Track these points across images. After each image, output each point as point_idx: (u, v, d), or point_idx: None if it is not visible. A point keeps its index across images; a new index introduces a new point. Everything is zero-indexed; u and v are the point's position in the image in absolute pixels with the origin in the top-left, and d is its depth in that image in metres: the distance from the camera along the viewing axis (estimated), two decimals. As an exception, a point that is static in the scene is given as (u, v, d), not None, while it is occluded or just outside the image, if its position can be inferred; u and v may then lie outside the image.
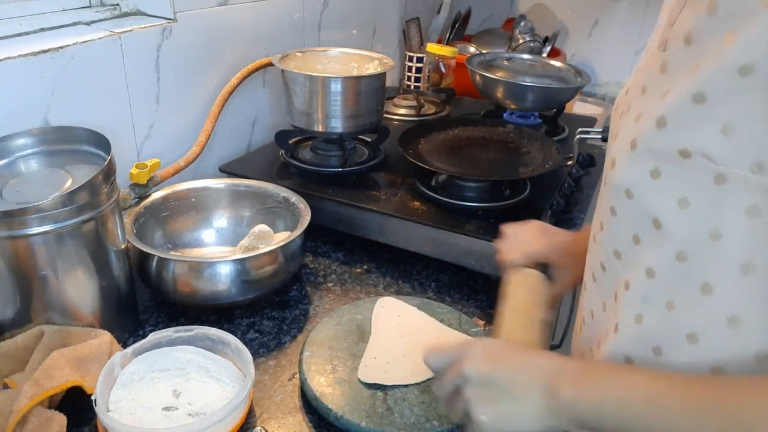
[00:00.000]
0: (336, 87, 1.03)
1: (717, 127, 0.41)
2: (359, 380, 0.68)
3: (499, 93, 1.34)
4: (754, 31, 0.39)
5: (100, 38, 0.86)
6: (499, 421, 0.49)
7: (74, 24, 0.92)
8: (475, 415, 0.49)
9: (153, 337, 0.69)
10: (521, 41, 1.76)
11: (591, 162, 1.15)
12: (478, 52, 1.72)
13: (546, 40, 1.77)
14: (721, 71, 0.41)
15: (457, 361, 0.52)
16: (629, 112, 0.52)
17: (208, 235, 0.95)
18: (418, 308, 0.80)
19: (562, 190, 1.07)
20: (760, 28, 0.39)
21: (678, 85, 0.44)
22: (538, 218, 0.93)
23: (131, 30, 0.90)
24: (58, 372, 0.62)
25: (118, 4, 0.99)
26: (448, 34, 1.79)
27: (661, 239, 0.47)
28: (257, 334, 0.79)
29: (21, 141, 0.73)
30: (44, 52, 0.79)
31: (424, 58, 1.55)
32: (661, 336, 0.49)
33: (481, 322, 0.82)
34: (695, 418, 0.41)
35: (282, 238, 0.85)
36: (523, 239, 0.77)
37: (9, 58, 0.75)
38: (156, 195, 0.90)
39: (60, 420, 0.59)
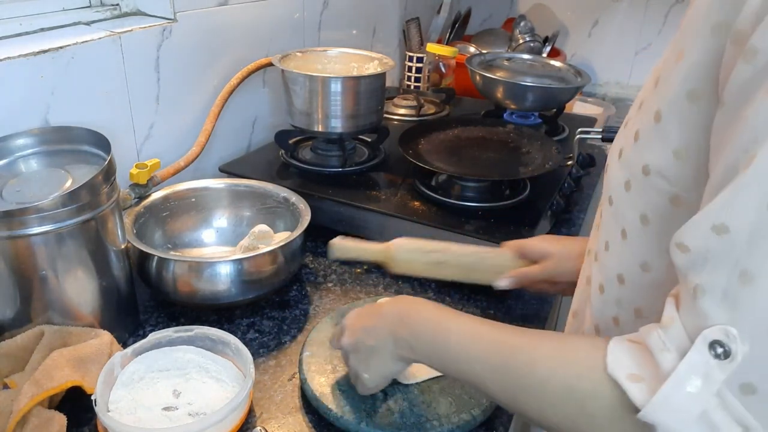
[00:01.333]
0: (336, 87, 1.03)
1: (669, 149, 0.42)
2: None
3: (499, 93, 1.34)
4: (695, 55, 0.39)
5: (100, 38, 0.86)
6: (375, 372, 0.61)
7: (74, 24, 0.92)
8: (360, 376, 0.62)
9: (153, 337, 0.69)
10: (521, 41, 1.76)
11: (591, 162, 1.15)
12: (478, 52, 1.72)
13: (546, 40, 1.77)
14: (673, 93, 0.41)
15: (338, 341, 0.65)
16: (629, 122, 0.52)
17: (208, 235, 0.95)
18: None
19: (562, 190, 1.07)
20: (699, 55, 0.39)
21: (652, 98, 0.45)
22: (538, 218, 0.93)
23: (131, 30, 0.90)
24: (58, 372, 0.62)
25: (118, 4, 0.99)
26: (448, 34, 1.79)
27: (626, 249, 0.48)
28: (257, 334, 0.79)
29: (21, 141, 0.73)
30: (44, 52, 0.79)
31: (424, 58, 1.55)
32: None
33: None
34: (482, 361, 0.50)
35: (282, 238, 0.85)
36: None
37: (9, 58, 0.75)
38: (156, 195, 0.90)
39: (60, 420, 0.59)
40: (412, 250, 0.80)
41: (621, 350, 0.41)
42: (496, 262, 0.78)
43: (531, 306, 0.86)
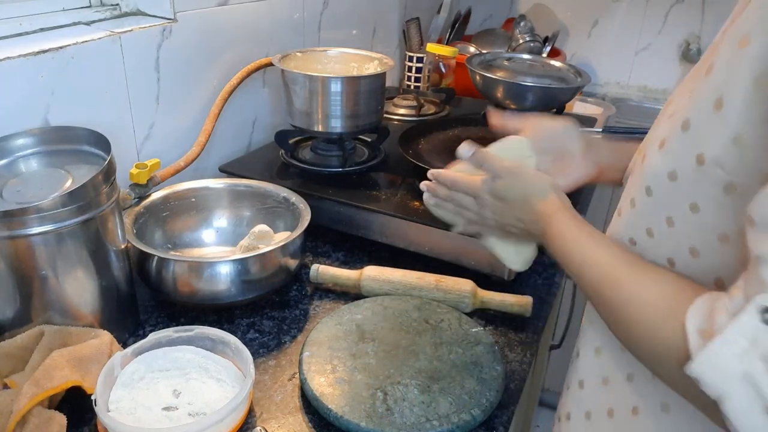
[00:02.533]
0: (336, 87, 1.03)
1: (729, 137, 0.42)
2: None
3: (499, 93, 1.34)
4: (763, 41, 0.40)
5: (100, 38, 0.86)
6: (503, 228, 0.68)
7: (74, 24, 0.92)
8: (487, 223, 0.68)
9: (153, 337, 0.69)
10: (521, 41, 1.76)
11: (591, 162, 1.15)
12: (478, 52, 1.72)
13: (546, 40, 1.77)
14: (738, 79, 0.42)
15: (492, 181, 0.66)
16: (668, 107, 0.53)
17: (208, 235, 0.95)
18: (418, 308, 0.80)
19: (562, 190, 1.07)
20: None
21: (707, 86, 0.45)
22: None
23: (131, 30, 0.90)
24: (58, 372, 0.62)
25: (118, 4, 0.99)
26: (448, 34, 1.79)
27: (674, 235, 0.50)
28: (257, 334, 0.79)
29: (21, 141, 0.73)
30: (44, 52, 0.79)
31: (424, 58, 1.55)
32: None
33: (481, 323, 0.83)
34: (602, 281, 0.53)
35: (282, 238, 0.85)
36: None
37: (9, 58, 0.75)
38: (156, 195, 0.90)
39: (60, 420, 0.59)
40: (380, 281, 0.86)
41: (702, 306, 0.42)
42: (459, 295, 0.84)
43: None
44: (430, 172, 0.73)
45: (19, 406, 0.58)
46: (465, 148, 0.70)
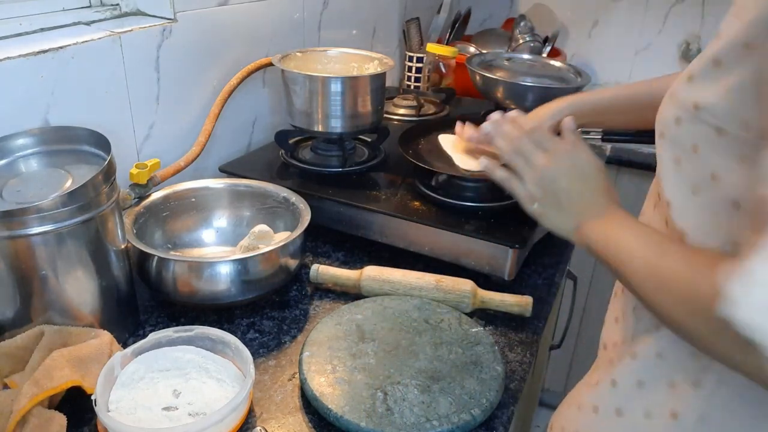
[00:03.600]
0: (336, 87, 1.03)
1: (722, 89, 0.48)
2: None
3: (499, 93, 1.34)
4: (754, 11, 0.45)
5: (100, 38, 0.86)
6: (548, 202, 0.68)
7: (74, 24, 0.92)
8: (532, 186, 0.69)
9: (153, 337, 0.69)
10: (521, 41, 1.76)
11: (591, 162, 1.15)
12: (478, 52, 1.72)
13: (546, 40, 1.77)
14: (731, 42, 0.47)
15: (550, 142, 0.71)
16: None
17: (208, 235, 0.95)
18: (418, 308, 0.80)
19: (562, 190, 1.07)
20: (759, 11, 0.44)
21: (711, 44, 0.50)
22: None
23: (131, 30, 0.90)
24: (58, 372, 0.62)
25: (118, 4, 0.99)
26: (448, 34, 1.79)
27: (679, 174, 0.54)
28: (257, 334, 0.79)
29: (21, 141, 0.73)
30: (44, 52, 0.79)
31: (424, 58, 1.55)
32: None
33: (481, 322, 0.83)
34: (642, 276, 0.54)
35: (282, 238, 0.85)
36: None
37: (9, 58, 0.75)
38: (156, 195, 0.90)
39: (60, 420, 0.59)
40: (380, 281, 0.86)
41: (732, 261, 0.43)
42: (459, 295, 0.84)
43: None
44: (510, 113, 0.80)
45: (20, 405, 0.58)
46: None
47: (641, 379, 0.59)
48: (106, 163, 0.68)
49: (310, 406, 0.67)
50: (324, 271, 0.88)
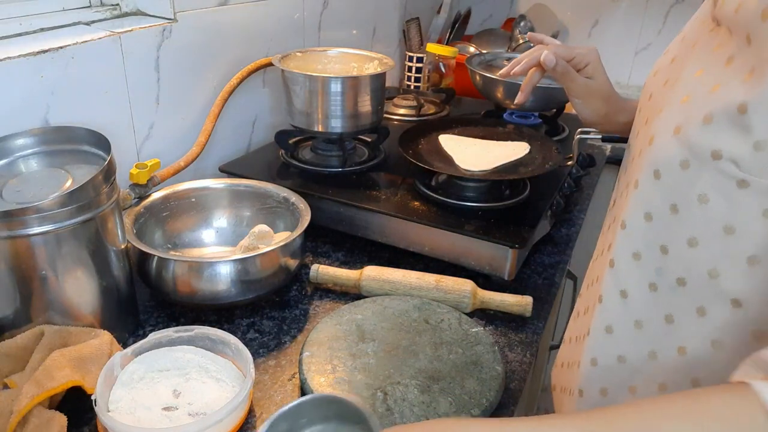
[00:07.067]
0: (336, 87, 1.03)
1: (751, 140, 0.43)
2: None
3: (499, 93, 1.34)
4: None
5: (100, 38, 0.86)
6: None
7: (74, 24, 0.92)
8: None
9: (153, 337, 0.69)
10: (521, 41, 1.76)
11: (591, 162, 1.15)
12: (478, 52, 1.72)
13: (546, 40, 1.76)
14: (762, 92, 0.42)
15: None
16: (675, 86, 0.53)
17: (208, 235, 0.95)
18: (418, 308, 0.80)
19: (562, 190, 1.07)
20: None
21: (732, 83, 0.45)
22: (538, 218, 0.93)
23: (131, 30, 0.90)
24: (58, 372, 0.62)
25: (118, 4, 0.99)
26: (448, 34, 1.79)
27: (675, 223, 0.50)
28: (257, 334, 0.79)
29: (21, 141, 0.73)
30: (44, 52, 0.79)
31: (424, 58, 1.55)
32: (671, 306, 0.53)
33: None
34: None
35: (282, 238, 0.85)
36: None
37: (9, 58, 0.75)
38: (156, 195, 0.90)
39: (60, 420, 0.59)
40: (380, 281, 0.86)
41: (749, 364, 0.40)
42: (459, 295, 0.83)
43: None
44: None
45: (20, 406, 0.58)
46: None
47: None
48: (106, 163, 0.68)
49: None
50: (324, 271, 0.88)
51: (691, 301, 0.51)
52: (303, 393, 0.69)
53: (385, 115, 1.37)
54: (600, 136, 0.92)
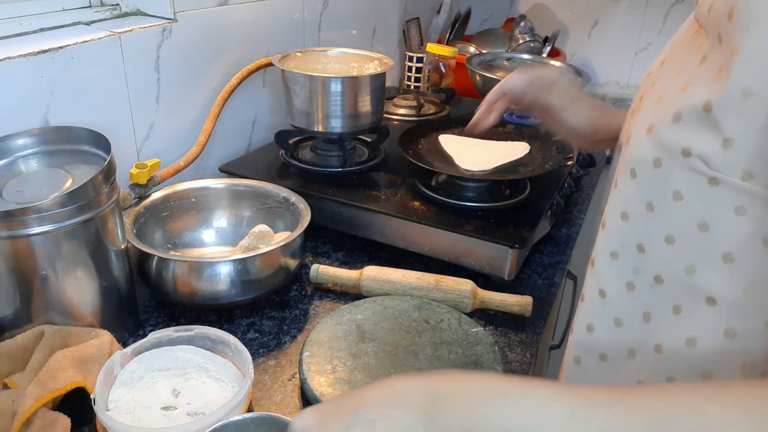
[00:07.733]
0: (336, 87, 1.03)
1: (719, 138, 0.43)
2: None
3: (499, 93, 1.34)
4: (753, 50, 0.40)
5: (100, 38, 0.86)
6: None
7: (74, 24, 0.92)
8: None
9: (153, 336, 0.69)
10: (521, 41, 1.76)
11: (591, 162, 1.15)
12: (478, 52, 1.72)
13: (546, 40, 1.77)
14: (727, 91, 0.42)
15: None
16: (655, 87, 0.53)
17: (208, 235, 0.95)
18: (418, 308, 0.80)
19: (562, 190, 1.07)
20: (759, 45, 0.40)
21: (701, 82, 0.46)
22: (538, 218, 0.93)
23: (131, 30, 0.90)
24: (62, 373, 0.62)
25: (118, 4, 0.99)
26: (448, 34, 1.79)
27: (652, 220, 0.51)
28: (257, 334, 0.79)
29: (21, 141, 0.73)
30: (44, 52, 0.79)
31: (424, 58, 1.55)
32: (648, 303, 0.54)
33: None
34: None
35: (282, 238, 0.85)
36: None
37: (9, 58, 0.75)
38: (156, 195, 0.90)
39: (64, 422, 0.59)
40: (380, 281, 0.86)
41: None
42: (459, 295, 0.84)
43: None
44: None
45: (25, 407, 0.58)
46: None
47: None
48: (106, 163, 0.68)
49: (309, 406, 0.67)
50: (324, 271, 0.88)
51: (667, 299, 0.51)
52: (303, 393, 0.69)
53: (385, 115, 1.37)
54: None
